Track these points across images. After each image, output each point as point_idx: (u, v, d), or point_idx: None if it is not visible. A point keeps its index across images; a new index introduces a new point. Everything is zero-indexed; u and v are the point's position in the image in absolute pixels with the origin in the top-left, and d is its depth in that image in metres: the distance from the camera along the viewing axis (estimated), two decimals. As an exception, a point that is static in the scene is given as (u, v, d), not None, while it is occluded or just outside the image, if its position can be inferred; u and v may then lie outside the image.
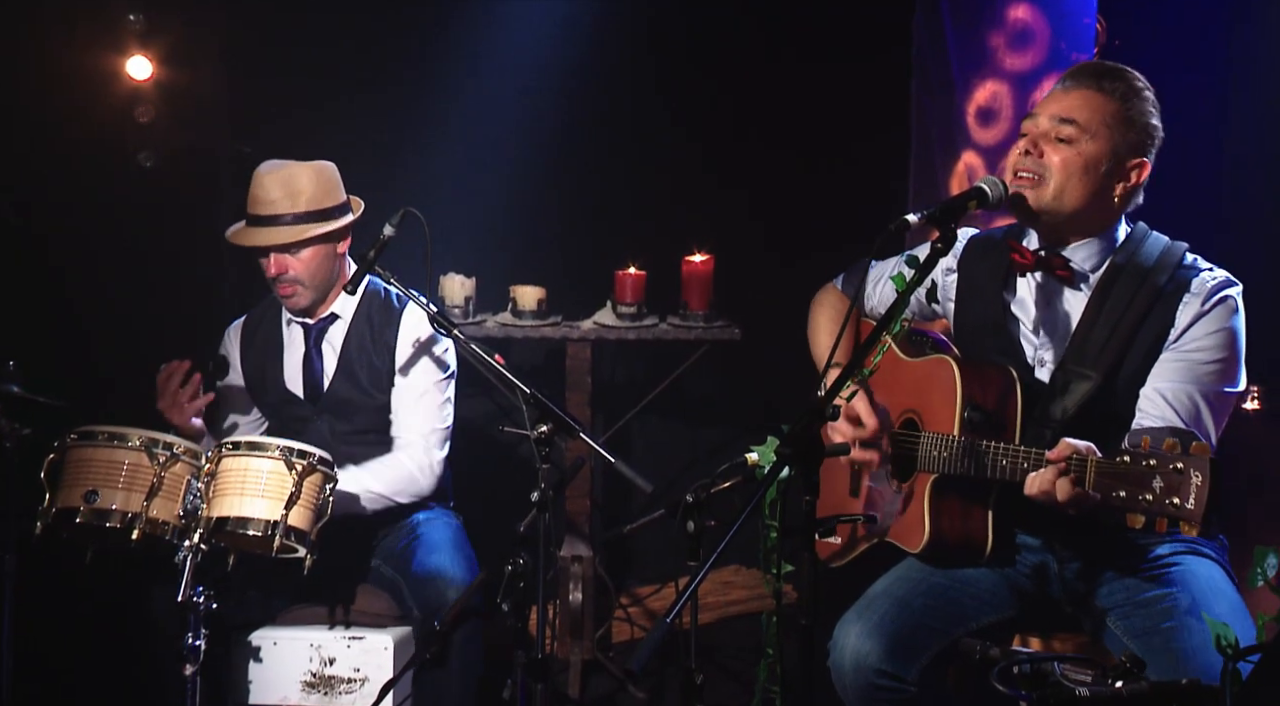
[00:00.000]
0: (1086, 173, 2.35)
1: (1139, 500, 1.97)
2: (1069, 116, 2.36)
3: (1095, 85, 2.37)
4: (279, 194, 2.90)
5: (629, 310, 3.70)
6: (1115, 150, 2.36)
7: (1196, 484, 1.91)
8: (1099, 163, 2.35)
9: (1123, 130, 2.35)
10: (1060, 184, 2.36)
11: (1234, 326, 2.34)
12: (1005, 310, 2.50)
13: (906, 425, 2.55)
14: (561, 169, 3.96)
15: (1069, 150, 2.35)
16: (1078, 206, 2.37)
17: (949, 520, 2.42)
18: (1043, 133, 2.38)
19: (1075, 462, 2.12)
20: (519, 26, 3.91)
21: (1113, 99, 2.36)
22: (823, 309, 2.80)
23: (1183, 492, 1.92)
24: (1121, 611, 2.37)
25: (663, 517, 2.65)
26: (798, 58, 3.93)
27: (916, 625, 2.40)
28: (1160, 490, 1.95)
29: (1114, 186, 2.38)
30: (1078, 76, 2.40)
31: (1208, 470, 1.90)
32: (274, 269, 2.92)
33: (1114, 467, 2.03)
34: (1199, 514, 1.90)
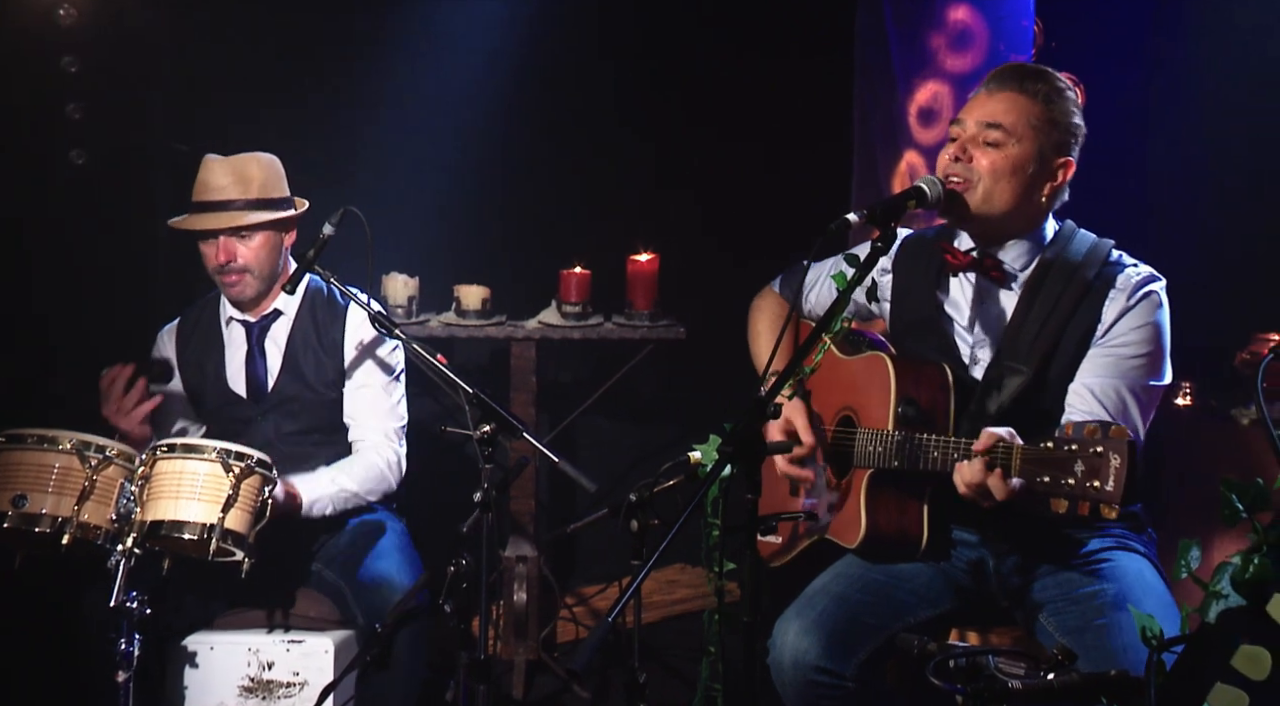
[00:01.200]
0: (1014, 175, 2.39)
1: (1062, 484, 2.01)
2: (994, 121, 2.39)
3: (1018, 87, 2.41)
4: (229, 180, 2.89)
5: (574, 309, 3.69)
6: (1041, 151, 2.40)
7: (1115, 466, 1.95)
8: (1026, 165, 2.39)
9: (1047, 131, 2.39)
10: (989, 187, 2.39)
11: (1158, 321, 2.39)
12: (939, 309, 2.54)
13: (843, 422, 2.58)
14: (506, 168, 3.94)
15: (996, 154, 2.39)
16: (1007, 208, 2.41)
17: (885, 515, 2.46)
18: (970, 137, 2.41)
19: (1001, 451, 2.16)
20: (461, 23, 3.88)
21: (1036, 101, 2.40)
22: (761, 313, 2.83)
23: (1102, 475, 1.96)
24: (1054, 607, 2.41)
25: (606, 517, 2.65)
26: (742, 57, 3.95)
27: (854, 621, 2.43)
28: (1082, 474, 1.99)
29: (1041, 186, 2.42)
30: (1001, 80, 2.44)
31: (1125, 452, 1.95)
32: (222, 255, 2.89)
33: (1037, 454, 2.07)
34: (1117, 495, 1.94)
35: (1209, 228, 3.46)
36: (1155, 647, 1.31)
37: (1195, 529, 2.40)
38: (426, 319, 3.68)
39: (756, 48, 3.95)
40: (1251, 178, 3.37)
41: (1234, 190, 3.43)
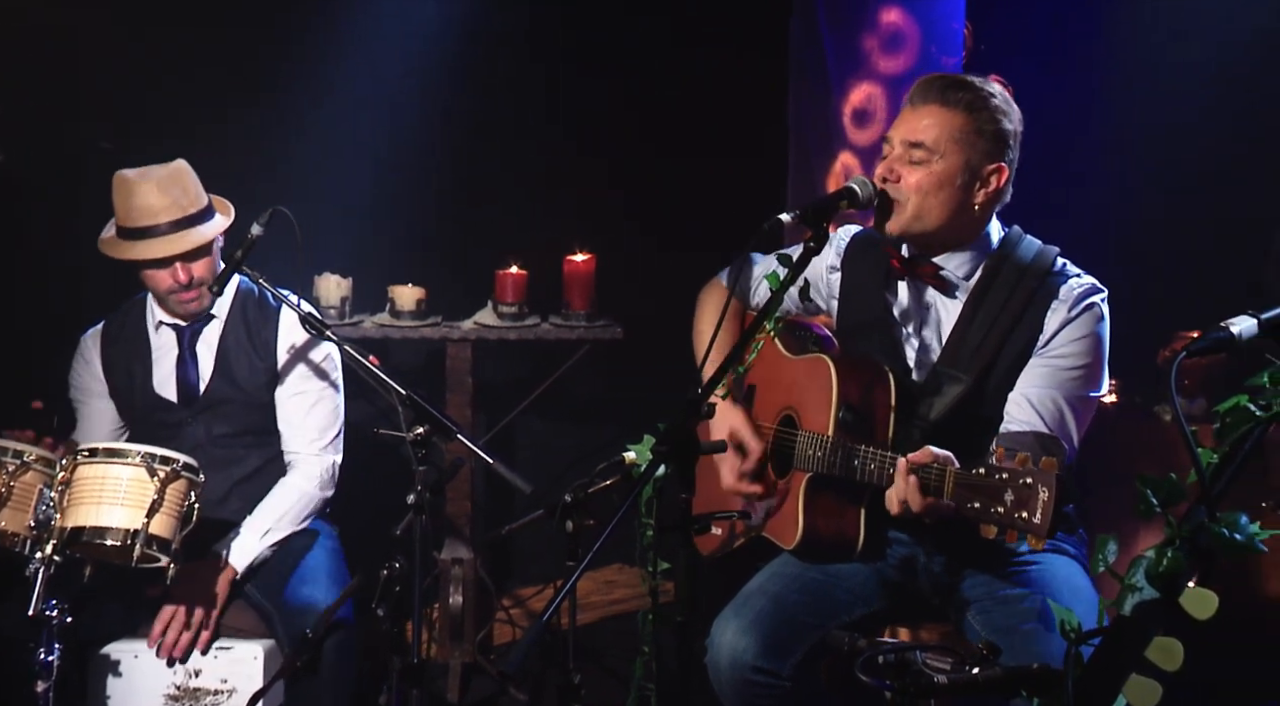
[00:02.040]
0: (941, 190, 2.39)
1: (991, 512, 2.02)
2: (917, 139, 2.39)
3: (940, 100, 2.40)
4: (164, 200, 2.80)
5: (510, 310, 3.67)
6: (969, 163, 2.39)
7: (1043, 499, 1.96)
8: (953, 178, 2.39)
9: (973, 141, 2.39)
10: (917, 205, 2.39)
11: (1099, 333, 2.40)
12: (886, 310, 2.54)
13: (785, 422, 2.59)
14: (440, 167, 3.91)
15: (922, 171, 2.38)
16: (940, 222, 2.41)
17: (823, 518, 2.46)
18: (897, 156, 2.42)
19: (935, 472, 2.16)
20: (394, 21, 3.84)
21: (959, 112, 2.38)
22: (706, 305, 2.81)
23: (1030, 507, 1.97)
24: (981, 606, 2.43)
25: (542, 518, 2.64)
26: (679, 55, 3.95)
27: (791, 620, 2.43)
28: (1011, 503, 2.00)
29: (974, 196, 2.42)
30: (924, 93, 2.43)
31: (1053, 486, 1.95)
32: (182, 277, 2.82)
33: (970, 479, 2.08)
34: (1044, 528, 1.95)
35: (1134, 226, 3.52)
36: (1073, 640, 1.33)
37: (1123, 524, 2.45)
38: (360, 320, 3.64)
39: (692, 46, 3.95)
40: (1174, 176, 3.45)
41: (1157, 188, 3.50)
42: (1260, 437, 1.42)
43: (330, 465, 2.96)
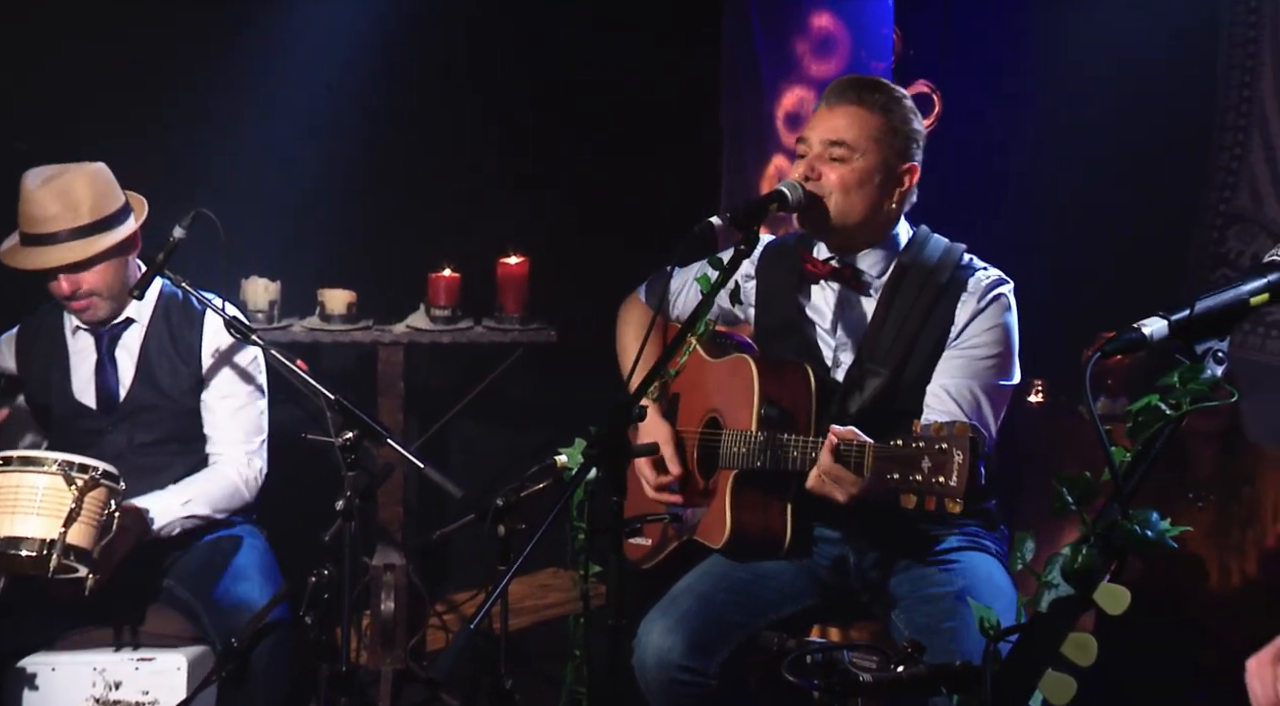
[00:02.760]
0: (862, 187, 2.45)
1: (910, 480, 2.06)
2: (837, 137, 2.45)
3: (857, 100, 2.46)
4: (57, 208, 2.72)
5: (443, 313, 3.65)
6: (885, 161, 2.46)
7: (958, 461, 2.01)
8: (872, 176, 2.45)
9: (889, 140, 2.45)
10: (839, 201, 2.45)
11: (1007, 322, 2.47)
12: (801, 313, 2.59)
13: (709, 424, 2.61)
14: (370, 169, 3.87)
15: (843, 168, 2.44)
16: (859, 220, 2.47)
17: (749, 515, 2.49)
18: (817, 155, 2.47)
19: (855, 448, 2.21)
20: (322, 20, 3.78)
21: (875, 112, 2.45)
22: (627, 323, 2.86)
23: (946, 470, 2.02)
24: (906, 603, 2.47)
25: (473, 522, 2.63)
26: (611, 56, 3.95)
27: (718, 619, 2.45)
28: (928, 470, 2.04)
29: (890, 194, 2.48)
30: (841, 93, 2.49)
31: (968, 448, 2.01)
32: (66, 287, 2.75)
33: (888, 451, 2.12)
34: (960, 489, 2.00)
35: (1059, 227, 3.58)
36: (991, 637, 1.36)
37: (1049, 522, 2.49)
38: (289, 324, 3.59)
39: (625, 46, 3.95)
40: (1100, 177, 3.51)
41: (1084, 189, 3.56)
42: (1171, 436, 1.45)
43: (254, 472, 2.92)
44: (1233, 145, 3.39)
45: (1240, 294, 1.45)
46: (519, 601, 3.86)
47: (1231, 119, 3.38)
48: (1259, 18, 3.24)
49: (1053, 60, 3.57)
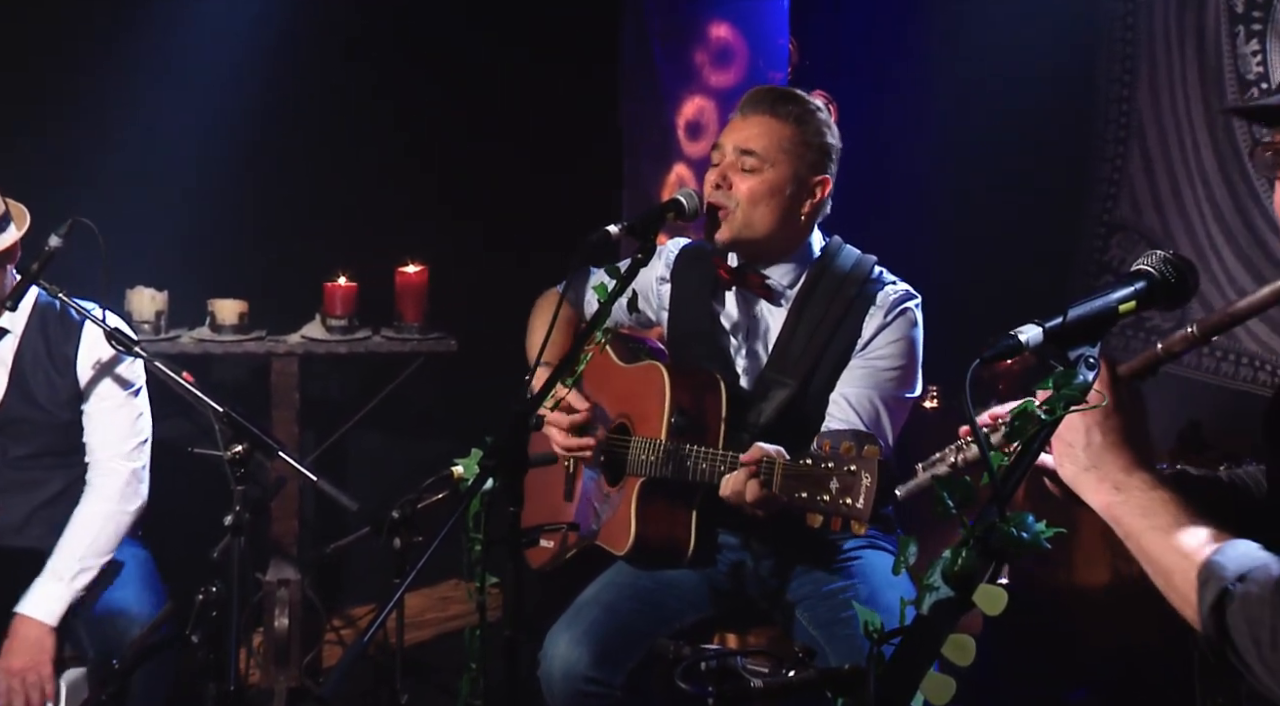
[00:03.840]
0: (772, 198, 2.47)
1: (817, 500, 2.09)
2: (749, 147, 2.46)
3: (770, 111, 2.48)
4: None
5: (339, 323, 3.59)
6: (797, 173, 2.47)
7: (866, 484, 2.05)
8: (783, 187, 2.47)
9: (801, 152, 2.47)
10: (748, 212, 2.46)
11: (912, 337, 2.50)
12: (714, 320, 2.60)
13: (619, 430, 2.61)
14: (263, 175, 3.79)
15: (754, 179, 2.46)
16: (769, 231, 2.49)
17: (654, 523, 2.49)
18: (729, 164, 2.48)
19: (764, 465, 2.22)
20: (211, 21, 3.69)
21: (788, 123, 2.47)
22: (541, 314, 2.83)
23: (854, 492, 2.05)
24: (808, 603, 2.50)
25: (368, 535, 2.59)
26: (511, 62, 3.93)
27: (624, 630, 2.45)
28: (836, 490, 2.07)
29: (801, 206, 2.50)
30: (755, 103, 2.51)
31: (875, 471, 2.04)
32: None
33: (797, 470, 2.14)
34: (866, 513, 2.04)
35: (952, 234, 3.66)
36: (875, 640, 1.38)
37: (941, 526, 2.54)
38: (178, 335, 3.50)
39: (524, 54, 3.94)
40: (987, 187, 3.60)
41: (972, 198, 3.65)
42: (1046, 440, 1.49)
43: (130, 472, 2.79)
44: (1113, 156, 3.50)
45: (1109, 302, 1.49)
46: (420, 614, 3.81)
47: (1112, 131, 3.50)
48: (1135, 33, 3.36)
49: (942, 72, 3.65)
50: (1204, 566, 1.37)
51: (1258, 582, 1.33)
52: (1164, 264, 1.50)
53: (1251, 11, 2.93)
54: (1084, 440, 1.49)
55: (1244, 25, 2.96)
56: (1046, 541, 1.41)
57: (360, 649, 1.95)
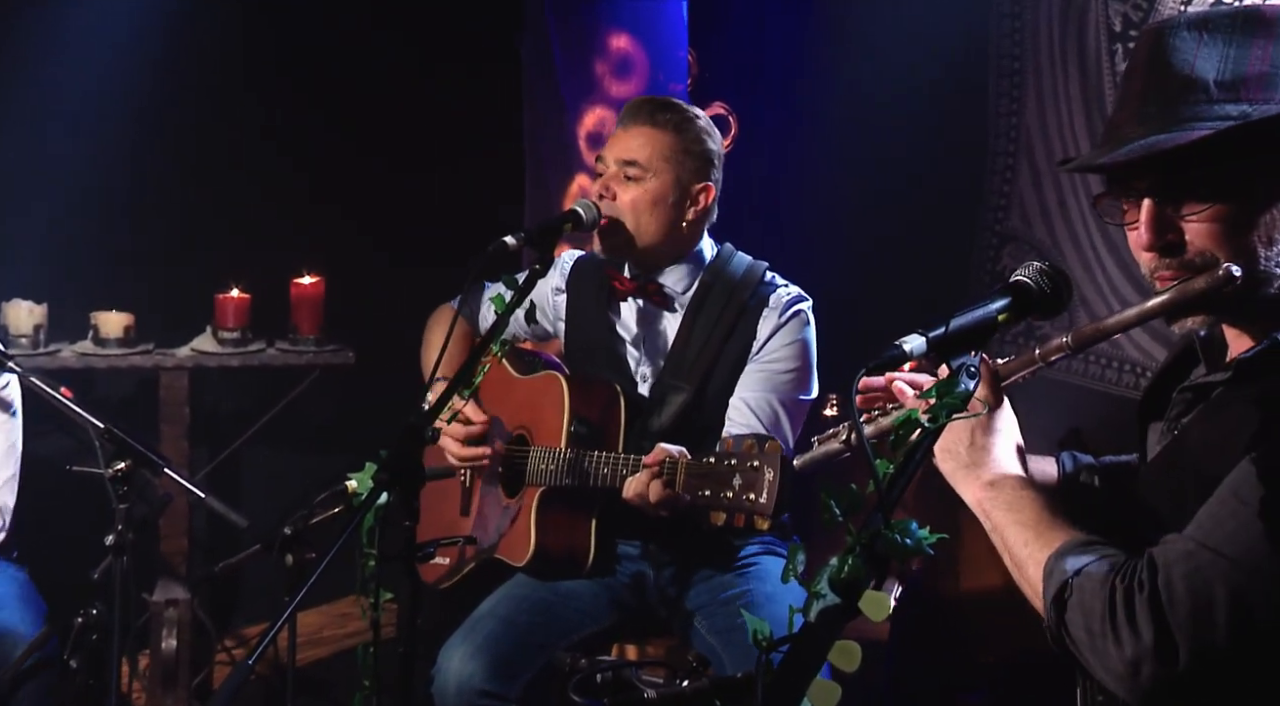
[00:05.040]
0: (655, 207, 2.49)
1: (721, 497, 2.11)
2: (630, 158, 2.49)
3: (650, 121, 2.51)
4: None
5: (232, 336, 3.52)
6: (679, 181, 2.50)
7: (769, 479, 2.08)
8: (666, 196, 2.50)
9: (681, 160, 2.50)
10: (633, 222, 2.50)
11: (805, 338, 2.55)
12: (610, 330, 2.61)
13: (517, 441, 2.60)
14: (150, 184, 3.68)
15: (636, 189, 2.49)
16: (655, 239, 2.51)
17: (553, 533, 2.49)
18: (612, 175, 2.50)
19: (667, 465, 2.24)
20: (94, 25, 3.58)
21: (668, 132, 2.50)
22: (436, 328, 2.81)
23: (757, 488, 2.08)
24: (706, 610, 2.52)
25: (260, 553, 2.53)
26: (411, 71, 3.89)
27: (521, 642, 2.44)
28: (739, 487, 2.10)
29: (685, 213, 2.53)
30: (635, 114, 2.54)
31: (778, 465, 2.07)
32: None
33: (700, 468, 2.16)
34: (770, 506, 2.07)
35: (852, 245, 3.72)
36: (764, 648, 1.39)
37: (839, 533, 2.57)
38: (58, 349, 3.39)
39: (424, 63, 3.90)
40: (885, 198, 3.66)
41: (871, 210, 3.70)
42: (930, 447, 1.51)
43: None
44: (1004, 169, 3.59)
45: (989, 312, 1.53)
46: (317, 632, 3.73)
47: (1002, 145, 3.58)
48: (1022, 50, 3.45)
49: (839, 85, 3.71)
50: (1050, 559, 1.44)
51: (1092, 576, 1.40)
52: (1040, 275, 1.54)
53: (1129, 30, 3.03)
54: (967, 440, 1.56)
55: (1122, 44, 3.06)
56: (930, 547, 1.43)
57: (247, 669, 1.89)
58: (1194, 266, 1.45)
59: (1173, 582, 1.34)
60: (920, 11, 3.54)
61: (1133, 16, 3.02)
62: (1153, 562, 1.37)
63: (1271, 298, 1.46)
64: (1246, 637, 1.32)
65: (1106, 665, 1.37)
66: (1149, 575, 1.36)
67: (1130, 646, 1.35)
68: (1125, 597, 1.36)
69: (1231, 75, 1.42)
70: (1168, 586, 1.34)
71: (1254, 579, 1.32)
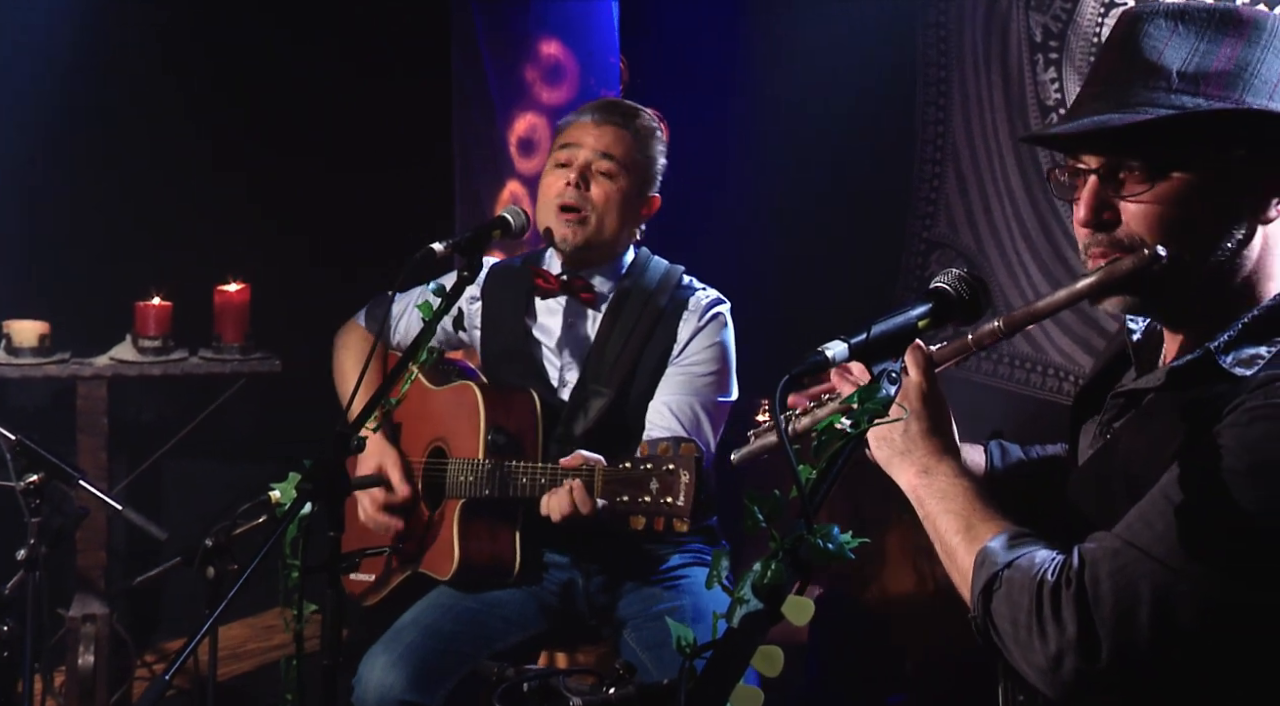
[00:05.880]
0: (623, 206, 2.52)
1: (639, 502, 2.12)
2: (609, 151, 2.50)
3: (623, 123, 2.54)
4: None
5: (152, 344, 3.44)
6: (641, 185, 2.54)
7: (685, 482, 2.09)
8: (630, 197, 2.53)
9: (644, 166, 2.54)
10: (601, 217, 2.50)
11: (725, 341, 2.56)
12: (528, 335, 2.59)
13: (435, 454, 2.57)
14: (68, 188, 3.59)
15: (610, 184, 2.50)
16: (613, 238, 2.54)
17: (477, 544, 2.47)
18: (584, 165, 2.48)
19: (585, 472, 2.22)
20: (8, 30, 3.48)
21: (638, 137, 2.54)
22: (347, 347, 2.78)
23: (674, 491, 2.09)
24: (636, 623, 2.51)
25: (180, 565, 2.48)
26: (339, 75, 3.84)
27: (444, 651, 2.42)
28: (656, 490, 2.11)
29: (637, 219, 2.57)
30: (608, 112, 2.55)
31: (693, 467, 2.08)
32: None
33: (618, 474, 2.17)
34: (687, 508, 2.08)
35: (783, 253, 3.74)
36: (687, 655, 1.38)
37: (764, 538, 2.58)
38: (-31, 359, 3.30)
39: (353, 68, 3.84)
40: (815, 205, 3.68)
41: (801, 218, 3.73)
42: (852, 453, 1.52)
43: None
44: (931, 177, 3.63)
45: (909, 318, 1.54)
46: (241, 645, 3.67)
47: (929, 152, 3.63)
48: (948, 59, 3.50)
49: (768, 93, 3.73)
50: (981, 551, 1.46)
51: (1021, 569, 1.41)
52: (958, 281, 1.56)
53: (1049, 41, 3.08)
54: (901, 426, 1.57)
55: (1042, 54, 3.11)
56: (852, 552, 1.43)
57: (163, 685, 1.85)
58: (1123, 246, 1.47)
59: (1099, 579, 1.36)
60: (849, 20, 3.57)
61: (1053, 27, 3.08)
62: (1081, 558, 1.39)
63: (1204, 298, 1.49)
64: (1168, 636, 1.34)
65: (1029, 658, 1.39)
66: (1076, 571, 1.38)
67: (1054, 640, 1.36)
68: (1052, 592, 1.37)
69: (1196, 68, 1.44)
70: (1094, 583, 1.36)
71: (1178, 579, 1.33)
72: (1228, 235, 1.46)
